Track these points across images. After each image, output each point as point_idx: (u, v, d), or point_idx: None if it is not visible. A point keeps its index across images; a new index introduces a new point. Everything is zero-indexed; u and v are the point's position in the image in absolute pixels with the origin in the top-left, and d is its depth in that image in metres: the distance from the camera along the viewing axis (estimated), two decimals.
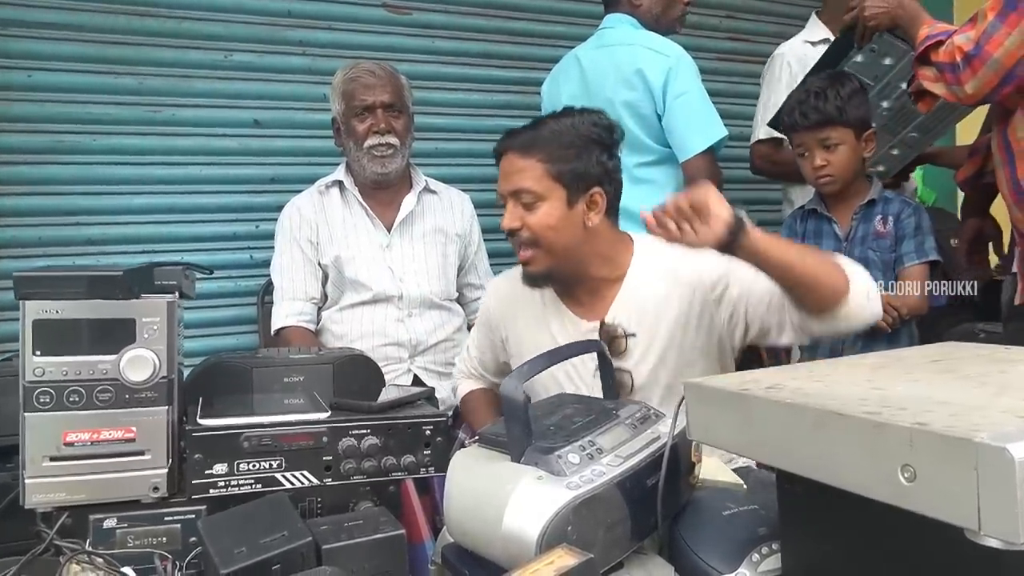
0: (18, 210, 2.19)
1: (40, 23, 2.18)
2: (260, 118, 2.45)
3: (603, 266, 1.44)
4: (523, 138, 1.41)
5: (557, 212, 1.38)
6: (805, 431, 0.76)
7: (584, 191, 1.39)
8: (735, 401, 0.85)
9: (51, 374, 0.96)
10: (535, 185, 1.37)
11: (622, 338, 1.41)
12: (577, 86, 2.19)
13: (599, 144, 1.39)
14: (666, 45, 2.08)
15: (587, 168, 1.38)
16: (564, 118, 1.41)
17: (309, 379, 1.25)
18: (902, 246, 1.91)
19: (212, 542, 0.90)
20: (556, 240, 1.39)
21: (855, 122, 1.88)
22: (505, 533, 0.86)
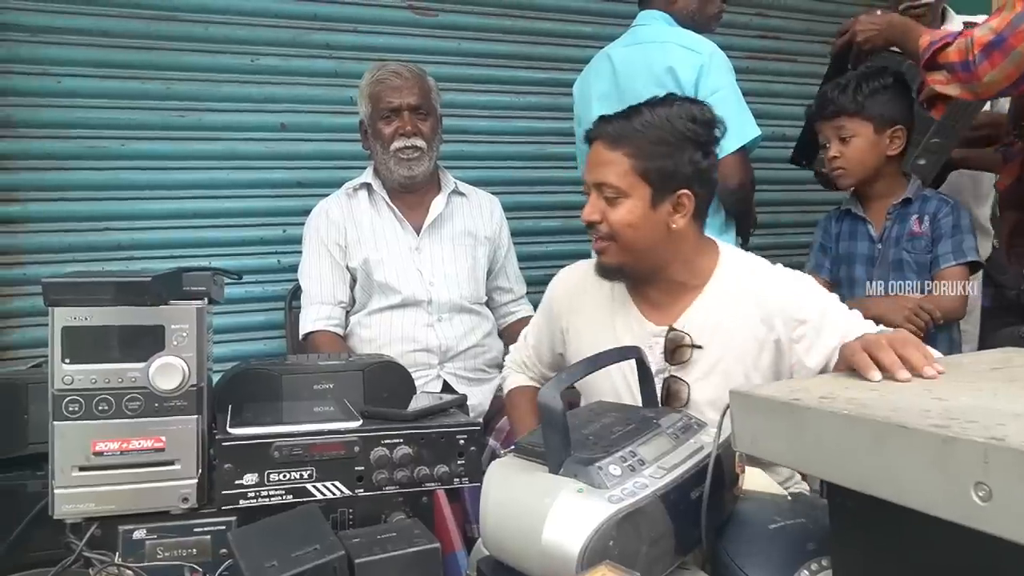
0: (47, 215, 2.21)
1: (69, 29, 2.20)
2: (286, 122, 2.46)
3: (683, 271, 1.38)
4: (613, 128, 1.34)
5: (639, 211, 1.31)
6: (864, 445, 0.72)
7: (671, 191, 1.31)
8: (785, 411, 0.81)
9: (80, 382, 0.94)
10: (619, 181, 1.31)
11: (687, 347, 1.34)
12: (608, 84, 2.15)
13: (693, 142, 1.31)
14: (699, 42, 2.03)
15: (676, 167, 1.31)
16: (661, 108, 1.33)
17: (339, 386, 1.22)
18: (939, 246, 1.85)
19: (243, 555, 0.88)
20: (634, 239, 1.33)
21: (875, 116, 1.85)
22: (544, 548, 0.84)
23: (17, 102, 2.15)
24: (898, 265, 1.89)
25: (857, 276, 1.94)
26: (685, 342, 1.34)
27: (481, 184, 2.31)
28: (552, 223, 2.79)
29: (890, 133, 1.86)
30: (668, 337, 1.35)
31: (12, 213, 2.16)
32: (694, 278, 1.38)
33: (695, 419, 1.06)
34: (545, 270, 2.69)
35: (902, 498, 0.69)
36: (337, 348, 1.96)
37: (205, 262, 2.34)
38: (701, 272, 1.38)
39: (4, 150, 2.15)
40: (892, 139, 1.87)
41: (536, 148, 2.78)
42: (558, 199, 2.78)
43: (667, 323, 1.37)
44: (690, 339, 1.34)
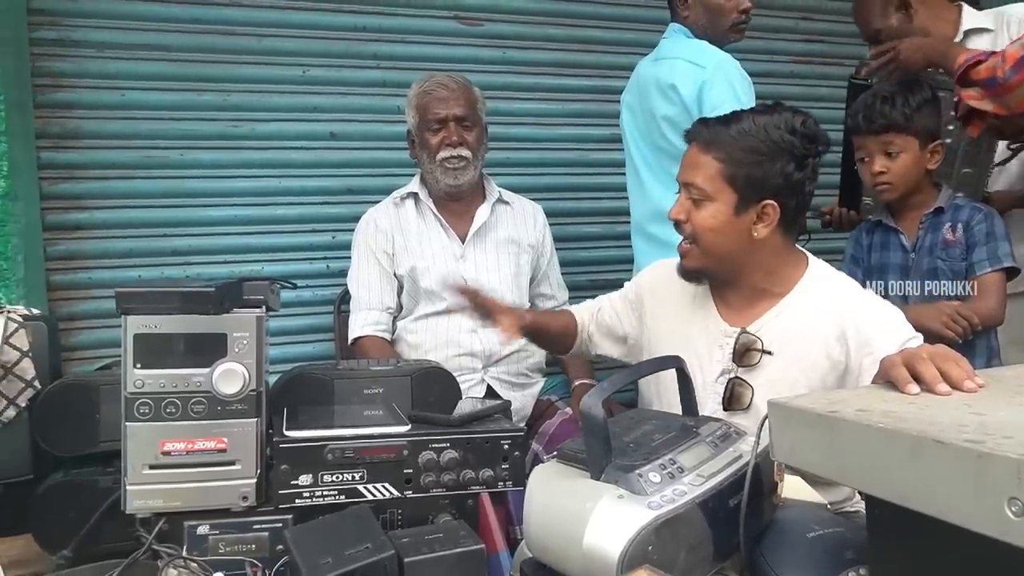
0: (110, 222, 2.32)
1: (133, 45, 2.30)
2: (336, 131, 2.52)
3: (765, 279, 1.38)
4: (709, 131, 1.35)
5: (722, 216, 1.33)
6: (900, 458, 0.73)
7: (756, 200, 1.32)
8: (823, 423, 0.83)
9: (150, 386, 1.00)
10: (706, 184, 1.33)
11: (757, 352, 1.35)
12: (634, 96, 2.18)
13: (788, 153, 1.31)
14: (705, 56, 2.01)
15: (765, 177, 1.31)
16: (763, 116, 1.33)
17: (388, 391, 1.27)
18: (974, 254, 1.84)
19: (299, 552, 0.93)
20: (715, 243, 1.35)
21: (921, 131, 1.83)
22: (586, 551, 0.87)
23: (84, 114, 2.26)
24: (932, 274, 1.88)
25: (891, 286, 1.93)
26: (756, 346, 1.35)
27: (525, 190, 2.35)
28: (594, 228, 2.82)
29: (931, 148, 1.85)
30: (739, 339, 1.36)
31: (80, 220, 2.27)
32: (776, 286, 1.38)
33: (734, 428, 1.08)
34: (587, 275, 2.74)
35: (937, 511, 0.70)
36: (385, 352, 2.01)
37: (258, 267, 2.44)
38: (784, 281, 1.38)
39: (72, 160, 2.26)
40: (933, 154, 1.86)
41: (579, 155, 2.80)
42: (600, 205, 2.80)
43: (742, 325, 1.38)
44: (761, 344, 1.35)
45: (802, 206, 1.37)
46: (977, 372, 0.95)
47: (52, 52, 2.22)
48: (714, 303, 1.44)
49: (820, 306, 1.34)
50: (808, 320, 1.34)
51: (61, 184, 2.25)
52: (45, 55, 2.22)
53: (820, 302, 1.35)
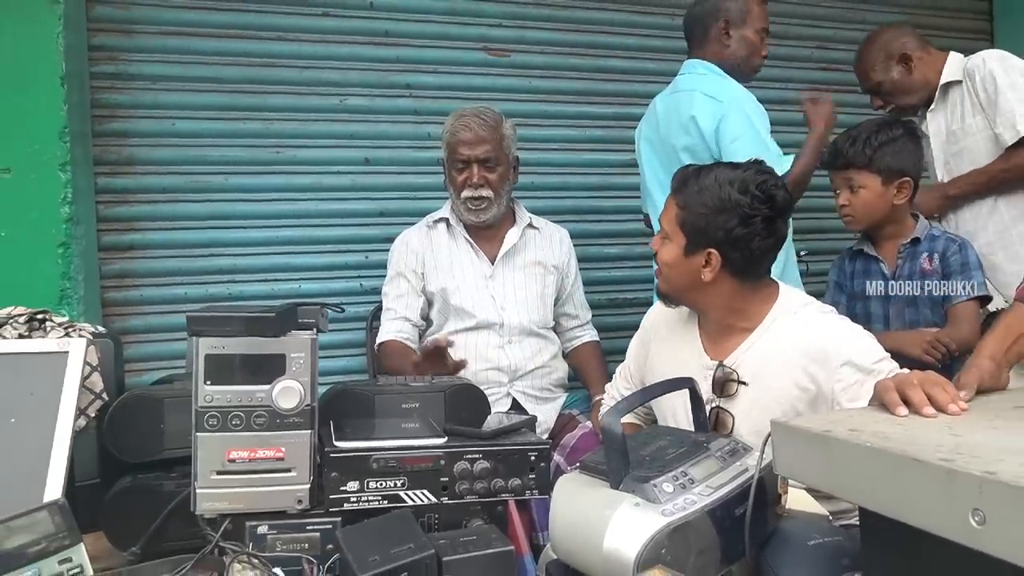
0: (160, 243, 2.46)
1: (183, 77, 2.45)
2: (370, 156, 2.66)
3: (729, 315, 1.49)
4: (681, 177, 1.51)
5: (674, 255, 1.48)
6: (884, 473, 0.83)
7: (702, 247, 1.44)
8: (818, 442, 0.93)
9: (218, 400, 1.12)
10: (667, 224, 1.50)
11: (734, 383, 1.45)
12: (652, 130, 2.28)
13: (734, 212, 1.41)
14: (723, 90, 2.10)
15: (708, 229, 1.42)
16: (728, 172, 1.45)
17: (424, 405, 1.37)
18: (949, 283, 1.94)
19: (350, 550, 1.04)
20: (671, 276, 1.51)
21: (883, 169, 1.95)
22: (605, 553, 0.96)
23: (137, 143, 2.41)
24: (911, 301, 2.00)
25: (874, 311, 2.04)
26: (732, 378, 1.45)
27: (549, 213, 2.45)
28: (615, 250, 2.92)
29: (897, 184, 1.96)
30: (717, 372, 1.47)
31: (133, 241, 2.42)
32: (743, 321, 1.48)
33: (742, 444, 1.18)
34: (608, 294, 2.84)
35: (915, 520, 0.80)
36: (405, 355, 2.09)
37: (295, 285, 2.56)
38: (752, 317, 1.48)
39: (126, 186, 2.41)
40: (900, 189, 1.97)
41: (601, 179, 2.90)
42: (621, 227, 2.90)
43: (720, 358, 1.49)
44: (737, 375, 1.45)
45: (750, 258, 1.44)
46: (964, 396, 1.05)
47: (110, 85, 2.39)
48: (699, 335, 1.55)
49: (789, 337, 1.43)
50: (778, 351, 1.43)
51: (116, 208, 2.40)
52: (103, 88, 2.38)
53: (789, 334, 1.44)
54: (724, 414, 1.45)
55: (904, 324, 2.00)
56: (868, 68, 2.32)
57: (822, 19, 3.21)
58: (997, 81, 2.10)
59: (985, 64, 2.14)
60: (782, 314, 1.48)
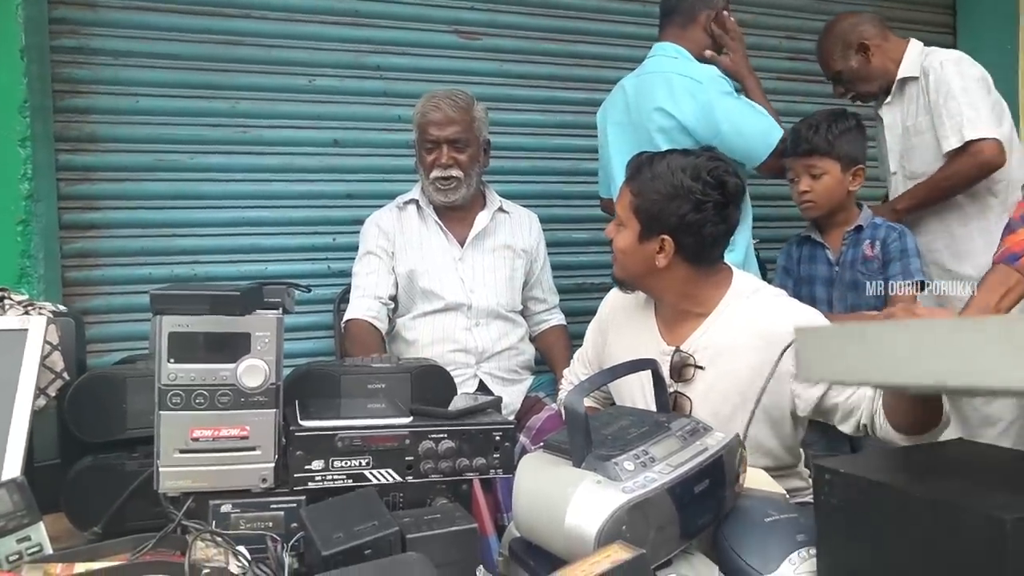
0: (123, 222, 2.42)
1: (147, 53, 2.40)
2: (339, 138, 2.63)
3: (683, 301, 1.51)
4: (635, 165, 1.52)
5: (629, 241, 1.49)
6: (937, 342, 0.77)
7: (656, 233, 1.46)
8: (853, 334, 0.89)
9: (181, 379, 1.11)
10: (621, 211, 1.51)
11: (691, 367, 1.48)
12: (622, 113, 2.29)
13: (686, 198, 1.43)
14: (698, 71, 2.14)
15: (662, 215, 1.44)
16: (681, 159, 1.46)
17: (390, 386, 1.38)
18: (889, 268, 2.03)
19: (314, 528, 1.04)
20: (625, 262, 1.52)
21: (843, 156, 2.03)
22: (567, 530, 0.98)
23: (99, 119, 2.36)
24: (854, 286, 2.07)
25: (818, 296, 2.10)
26: (689, 362, 1.48)
27: (518, 197, 2.46)
28: (583, 235, 2.93)
29: (853, 171, 2.05)
30: (674, 357, 1.50)
31: (94, 220, 2.38)
32: (697, 307, 1.51)
33: (702, 424, 1.20)
34: (575, 279, 2.86)
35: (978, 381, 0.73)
36: (370, 336, 2.10)
37: (262, 267, 2.54)
38: (705, 302, 1.51)
39: (87, 163, 2.36)
40: (855, 176, 2.06)
41: (571, 164, 2.92)
42: (590, 212, 2.89)
43: (676, 343, 1.51)
44: (694, 360, 1.48)
45: (703, 244, 1.46)
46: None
47: (71, 60, 2.33)
48: (656, 322, 1.58)
49: (742, 321, 1.46)
50: (732, 335, 1.46)
51: (77, 185, 2.35)
52: (64, 62, 2.32)
53: (742, 318, 1.47)
54: (682, 398, 1.48)
55: (847, 308, 2.07)
56: (828, 57, 2.36)
57: (790, 9, 3.25)
58: (951, 85, 2.15)
59: (942, 67, 2.19)
60: (735, 298, 1.51)
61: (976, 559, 0.79)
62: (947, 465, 0.97)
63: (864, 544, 0.92)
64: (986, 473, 0.92)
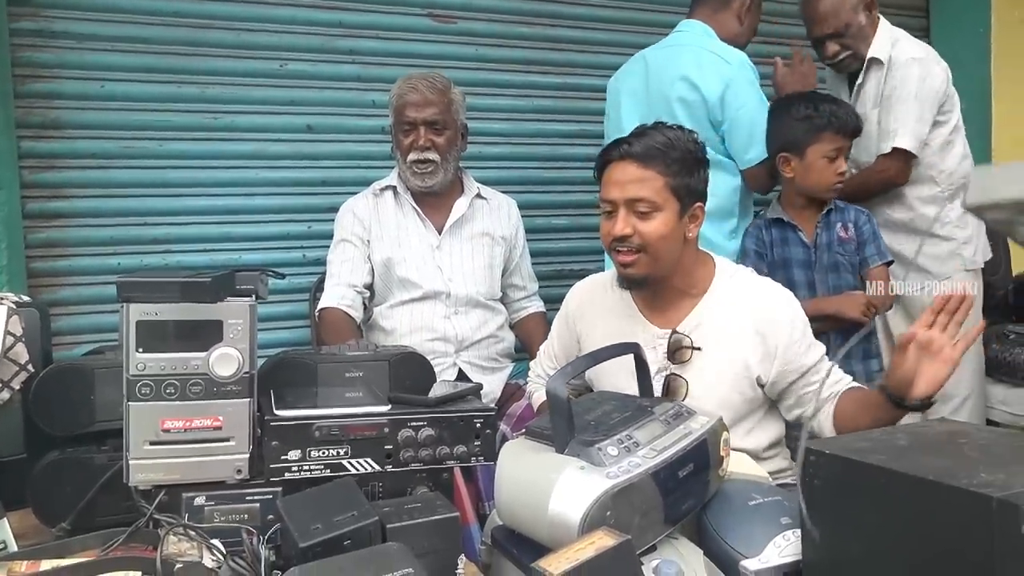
0: (91, 211, 2.36)
1: (113, 36, 2.34)
2: (312, 124, 2.58)
3: (684, 279, 1.52)
4: (642, 148, 1.45)
5: (670, 223, 1.45)
6: None
7: (691, 204, 1.48)
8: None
9: (151, 368, 1.08)
10: (655, 196, 1.44)
11: (688, 348, 1.48)
12: (639, 82, 2.27)
13: (701, 162, 1.50)
14: (730, 52, 2.15)
15: (696, 184, 1.48)
16: (671, 131, 1.48)
17: (368, 374, 1.35)
18: (865, 249, 2.07)
19: (291, 519, 1.01)
20: (663, 248, 1.46)
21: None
22: (551, 517, 0.97)
23: (64, 105, 2.30)
24: (835, 267, 2.08)
25: (796, 279, 2.08)
26: (686, 343, 1.48)
27: (496, 183, 2.43)
28: (562, 221, 2.91)
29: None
30: (671, 339, 1.49)
31: (60, 208, 2.31)
32: (692, 287, 1.52)
33: (685, 408, 1.19)
34: (556, 265, 2.84)
35: None
36: (344, 326, 2.06)
37: (235, 256, 2.50)
38: (699, 282, 1.53)
39: (53, 150, 2.30)
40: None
41: (549, 150, 2.89)
42: (569, 198, 2.90)
43: (670, 327, 1.51)
44: (690, 341, 1.48)
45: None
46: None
47: (33, 43, 2.26)
48: (639, 310, 1.57)
49: (733, 301, 1.49)
50: (726, 315, 1.48)
51: (41, 173, 2.29)
52: (26, 46, 2.25)
53: (733, 297, 1.50)
54: (677, 381, 1.48)
55: (828, 289, 2.07)
56: (836, 7, 2.23)
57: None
58: (909, 88, 2.16)
59: (907, 65, 2.18)
60: (724, 278, 1.54)
61: (962, 538, 0.79)
62: (932, 444, 0.97)
63: (849, 524, 0.92)
64: (971, 452, 0.92)
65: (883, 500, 0.87)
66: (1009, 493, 0.75)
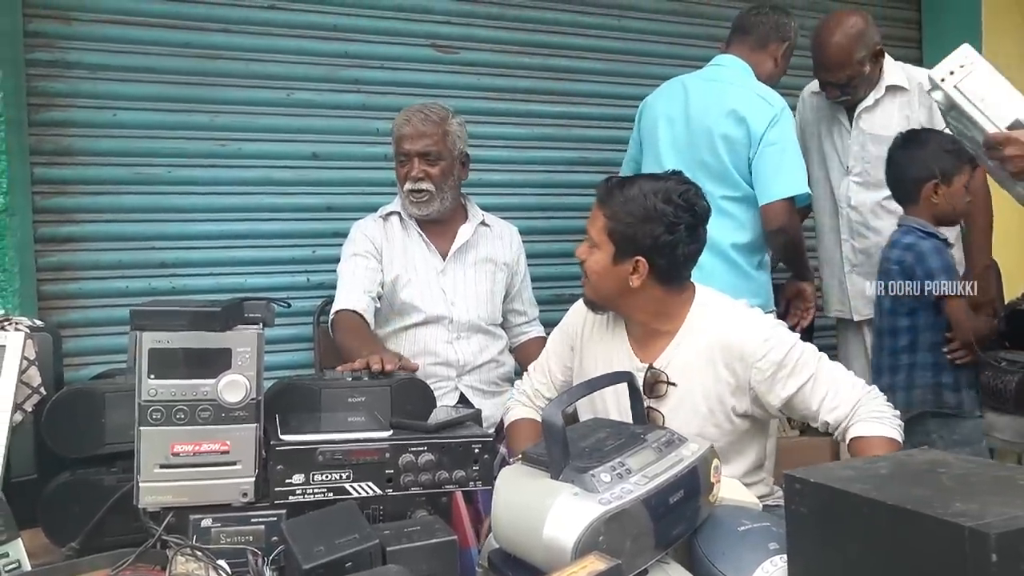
0: (100, 235, 2.40)
1: (124, 67, 2.39)
2: (318, 151, 2.63)
3: (654, 319, 1.56)
4: (607, 190, 1.55)
5: (603, 263, 1.53)
6: None
7: (630, 255, 1.50)
8: None
9: (162, 394, 1.12)
10: (595, 234, 1.55)
11: (663, 383, 1.53)
12: (678, 110, 2.32)
13: (659, 221, 1.48)
14: (773, 96, 2.22)
15: (636, 237, 1.49)
16: (651, 183, 1.52)
17: (370, 399, 1.38)
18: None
19: (295, 541, 1.05)
20: (599, 283, 1.55)
21: None
22: (545, 541, 1.00)
23: (76, 133, 2.35)
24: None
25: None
26: (662, 379, 1.53)
27: (496, 209, 2.48)
28: (559, 246, 2.93)
29: None
30: (648, 374, 1.54)
31: (71, 233, 2.35)
32: (666, 324, 1.56)
33: (677, 435, 1.22)
34: (553, 290, 2.88)
35: None
36: (360, 330, 2.03)
37: (241, 279, 2.54)
38: (673, 319, 1.56)
39: (64, 176, 2.35)
40: None
41: (548, 176, 2.94)
42: (566, 224, 2.92)
43: (648, 360, 1.56)
44: (666, 376, 1.53)
45: (675, 264, 1.52)
46: None
47: (47, 73, 2.31)
48: (627, 339, 1.61)
49: (705, 336, 1.52)
50: (698, 350, 1.52)
51: (53, 199, 2.34)
52: (40, 76, 2.30)
53: (705, 334, 1.53)
54: (655, 413, 1.52)
55: None
56: (845, 58, 2.29)
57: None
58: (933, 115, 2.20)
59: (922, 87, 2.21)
60: (699, 315, 1.56)
61: (938, 566, 0.82)
62: (912, 474, 1.00)
63: (833, 552, 0.95)
64: (949, 481, 0.95)
65: (864, 528, 0.90)
66: (980, 523, 0.78)
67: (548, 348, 1.82)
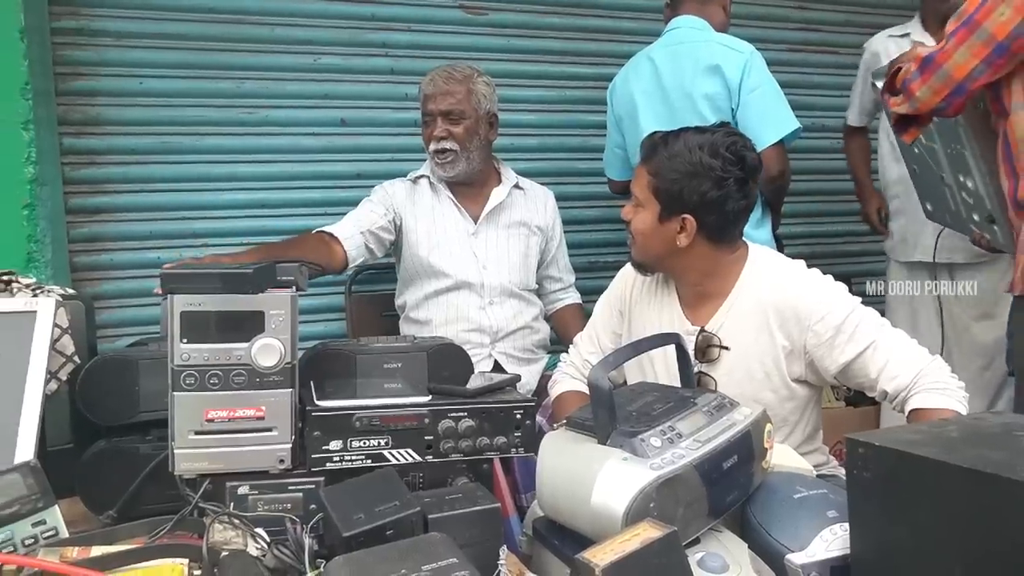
0: (131, 206, 2.40)
1: (151, 34, 2.37)
2: (346, 117, 2.60)
3: (703, 279, 1.51)
4: (649, 145, 1.49)
5: (649, 222, 1.47)
6: None
7: (676, 213, 1.44)
8: None
9: (195, 359, 1.09)
10: (639, 192, 1.49)
11: (716, 348, 1.47)
12: (650, 83, 2.26)
13: (707, 176, 1.41)
14: (738, 42, 2.18)
15: (682, 194, 1.43)
16: (697, 136, 1.44)
17: (406, 365, 1.35)
18: None
19: (334, 509, 1.02)
20: (645, 244, 1.50)
21: None
22: (593, 508, 0.96)
23: (104, 102, 2.33)
24: None
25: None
26: (714, 343, 1.47)
27: (528, 174, 2.41)
28: (594, 212, 2.90)
29: None
30: (699, 337, 1.48)
31: (100, 204, 2.35)
32: (717, 286, 1.50)
33: (728, 399, 1.17)
34: (587, 257, 2.83)
35: None
36: (315, 244, 1.96)
37: None
38: (725, 281, 1.50)
39: (93, 146, 2.34)
40: None
41: (581, 140, 2.88)
42: (600, 189, 2.84)
43: (701, 323, 1.50)
44: (718, 340, 1.47)
45: (724, 221, 1.46)
46: None
47: (73, 41, 2.29)
48: (678, 301, 1.55)
49: (759, 299, 1.46)
50: (752, 313, 1.45)
51: (83, 169, 2.33)
52: (66, 44, 2.29)
53: (758, 295, 1.46)
54: (706, 378, 1.47)
55: None
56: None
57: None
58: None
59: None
60: (753, 276, 1.49)
61: (1017, 531, 0.76)
62: (985, 437, 0.94)
63: (900, 519, 0.89)
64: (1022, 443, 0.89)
65: (935, 494, 0.85)
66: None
67: (595, 317, 1.77)
